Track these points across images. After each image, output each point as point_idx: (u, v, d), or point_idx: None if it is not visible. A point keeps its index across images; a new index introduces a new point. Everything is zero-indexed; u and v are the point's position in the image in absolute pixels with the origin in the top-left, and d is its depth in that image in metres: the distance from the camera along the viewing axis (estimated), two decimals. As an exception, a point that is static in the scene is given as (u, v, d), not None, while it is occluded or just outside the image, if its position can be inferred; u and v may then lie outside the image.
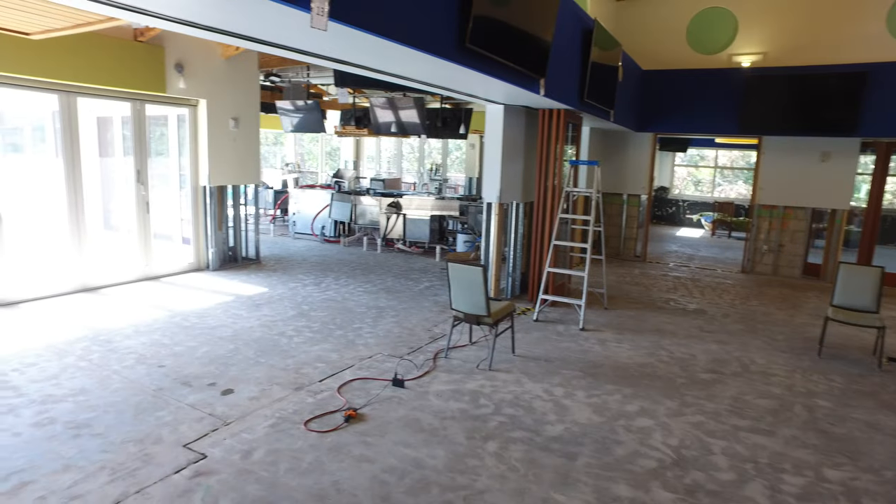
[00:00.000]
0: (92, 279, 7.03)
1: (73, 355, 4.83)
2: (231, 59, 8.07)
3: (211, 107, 7.92)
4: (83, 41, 6.20)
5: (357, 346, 5.30)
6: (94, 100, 7.16)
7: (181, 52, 7.40)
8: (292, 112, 11.50)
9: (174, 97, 7.59)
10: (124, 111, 7.69)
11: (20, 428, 3.62)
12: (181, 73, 7.42)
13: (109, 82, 6.81)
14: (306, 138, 20.94)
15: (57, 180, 7.04)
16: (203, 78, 7.73)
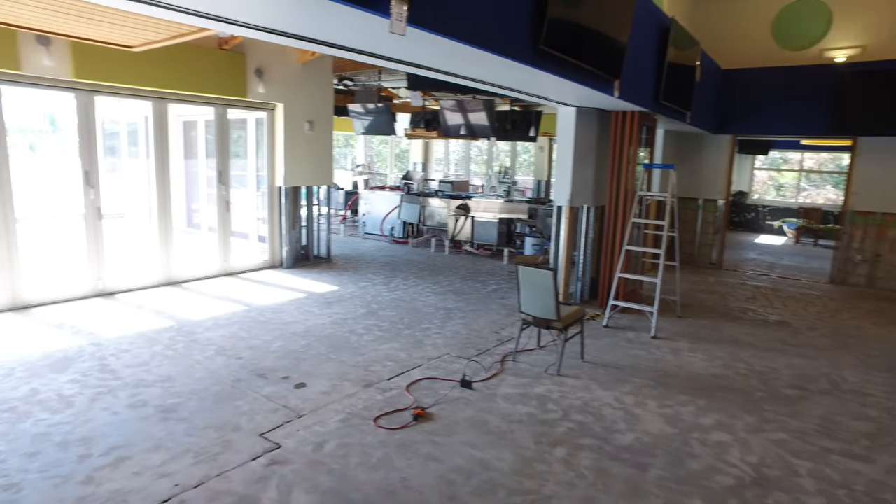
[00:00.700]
0: (176, 273, 7.46)
1: (161, 344, 5.15)
2: (307, 65, 8.36)
3: (287, 110, 8.23)
4: (174, 51, 6.59)
5: (425, 347, 5.37)
6: (182, 105, 7.61)
7: (261, 58, 7.74)
8: (363, 115, 11.78)
9: (254, 101, 7.95)
10: (208, 115, 8.14)
11: (118, 408, 3.90)
12: (261, 78, 7.75)
13: (196, 88, 7.21)
14: (376, 140, 21.40)
15: (148, 181, 7.52)
16: (281, 83, 8.05)
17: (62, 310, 6.08)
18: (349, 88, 11.66)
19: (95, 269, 6.68)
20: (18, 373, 4.44)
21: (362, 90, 11.45)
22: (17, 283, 6.08)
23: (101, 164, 6.70)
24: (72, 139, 27.64)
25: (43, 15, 4.81)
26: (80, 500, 2.93)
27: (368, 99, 11.38)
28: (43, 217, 12.00)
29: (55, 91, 6.38)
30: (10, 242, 6.02)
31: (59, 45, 5.98)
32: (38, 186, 15.93)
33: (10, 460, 3.27)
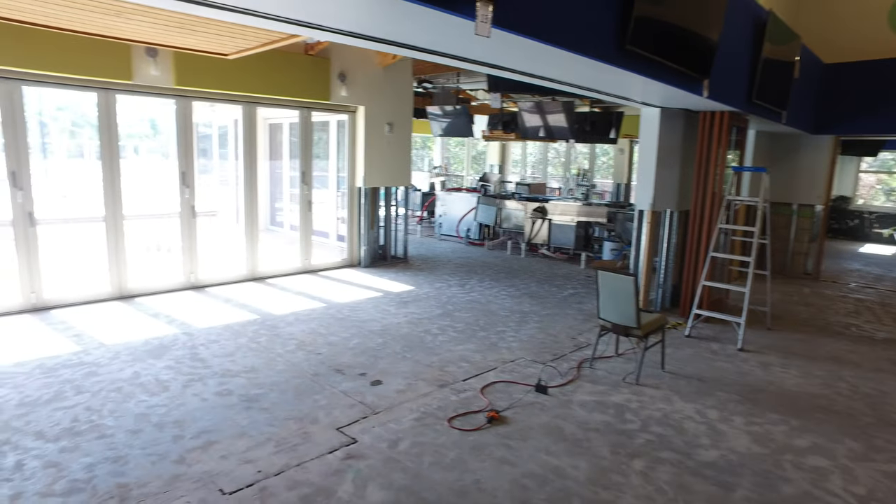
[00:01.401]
0: (260, 269, 7.81)
1: (246, 336, 5.41)
2: (388, 68, 8.53)
3: (368, 113, 8.44)
4: (264, 58, 6.90)
5: (500, 349, 5.34)
6: (269, 108, 7.97)
7: (344, 62, 7.98)
8: (441, 117, 11.89)
9: (336, 104, 8.20)
10: (292, 118, 8.48)
11: (207, 395, 4.14)
12: (343, 82, 7.99)
13: (283, 92, 7.53)
14: (452, 142, 21.56)
15: (236, 181, 7.93)
16: (362, 86, 8.27)
17: (159, 300, 6.52)
18: (428, 91, 11.81)
19: (188, 264, 7.12)
20: (123, 356, 4.80)
21: (441, 92, 11.57)
22: (122, 274, 6.59)
23: (195, 166, 7.14)
24: (170, 142, 29.65)
25: (153, 29, 5.18)
26: (175, 477, 3.13)
27: (446, 101, 11.47)
28: (144, 215, 12.93)
29: (158, 98, 6.86)
30: (118, 237, 6.53)
31: (164, 56, 6.42)
32: (140, 186, 17.17)
33: (118, 435, 3.54)
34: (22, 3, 4.45)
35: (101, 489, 3.02)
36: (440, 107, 11.63)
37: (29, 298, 6.01)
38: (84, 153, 28.95)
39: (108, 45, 5.92)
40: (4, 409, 3.85)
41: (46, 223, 7.16)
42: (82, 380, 4.33)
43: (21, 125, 5.89)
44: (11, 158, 5.82)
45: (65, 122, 32.99)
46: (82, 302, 6.31)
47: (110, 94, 6.39)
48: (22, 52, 5.54)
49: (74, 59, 5.83)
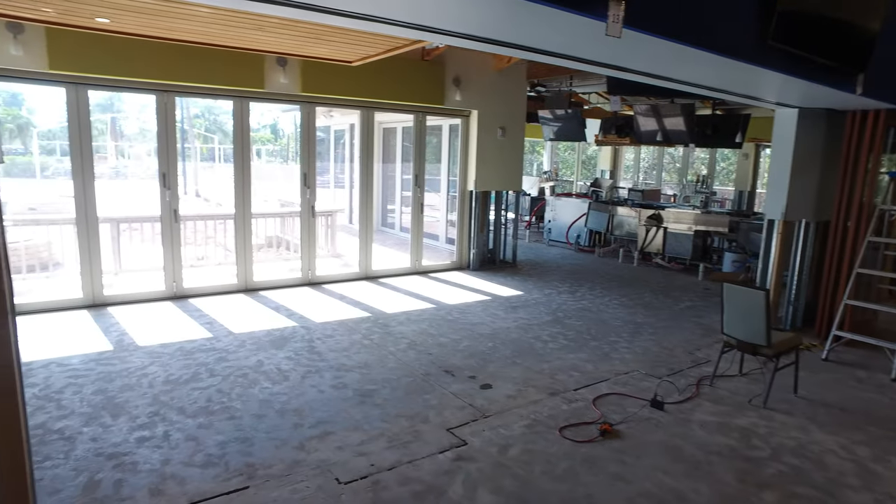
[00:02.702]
0: (373, 268, 8.08)
1: (360, 333, 5.61)
2: (502, 72, 8.53)
3: (481, 117, 8.48)
4: (382, 64, 7.10)
5: (612, 360, 5.14)
6: (384, 113, 8.24)
7: (459, 67, 8.08)
8: (552, 121, 11.70)
9: (450, 109, 8.32)
10: (406, 122, 8.71)
11: (323, 387, 4.34)
12: (458, 86, 8.09)
13: (400, 97, 7.76)
14: (562, 147, 21.19)
15: (352, 183, 8.27)
16: (476, 90, 8.32)
17: (279, 294, 6.94)
18: (540, 94, 11.67)
19: (307, 261, 7.53)
20: (248, 345, 5.16)
21: (553, 96, 11.39)
22: (248, 268, 7.09)
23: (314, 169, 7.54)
24: (291, 146, 31.76)
25: (289, 40, 5.55)
26: (295, 462, 3.30)
27: (559, 105, 11.27)
28: (268, 214, 13.87)
29: (284, 104, 7.33)
30: (246, 234, 7.04)
31: (293, 65, 6.84)
32: (264, 188, 18.44)
33: (245, 418, 3.80)
34: (185, 24, 4.94)
35: (232, 466, 3.25)
36: (551, 110, 11.45)
37: (171, 287, 6.63)
38: (216, 157, 31.67)
39: (244, 56, 6.40)
40: (154, 384, 4.26)
41: (187, 220, 7.90)
42: (214, 364, 4.70)
43: (172, 132, 6.52)
44: (163, 161, 6.47)
45: (200, 128, 36.20)
46: (213, 292, 6.87)
47: (244, 102, 6.91)
48: (175, 67, 6.13)
49: (216, 70, 6.37)
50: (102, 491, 2.99)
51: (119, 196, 14.89)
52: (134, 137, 37.63)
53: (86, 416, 3.76)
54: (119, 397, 4.04)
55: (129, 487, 3.03)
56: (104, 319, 5.77)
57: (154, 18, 4.78)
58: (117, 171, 29.19)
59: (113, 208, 9.12)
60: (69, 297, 6.23)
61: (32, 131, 33.22)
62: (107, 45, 5.68)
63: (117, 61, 5.84)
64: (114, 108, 36.31)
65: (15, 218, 8.26)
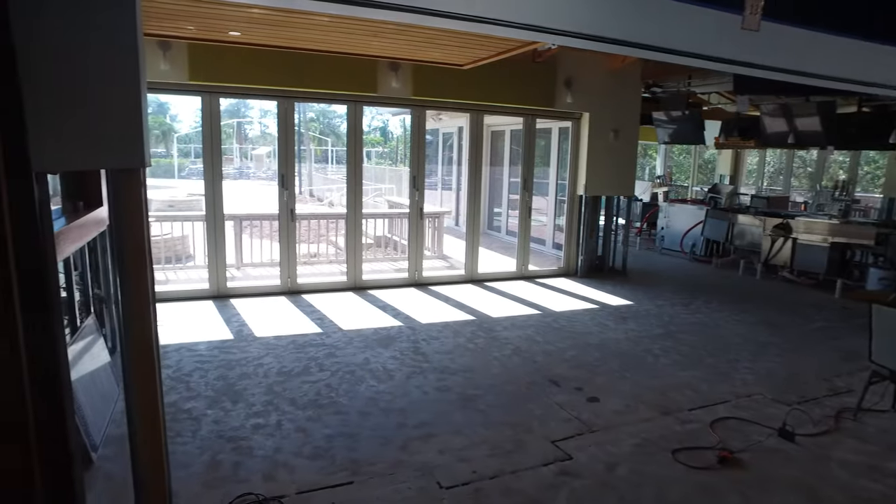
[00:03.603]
0: (479, 272, 8.06)
1: (464, 337, 5.60)
2: (615, 72, 8.19)
3: (593, 119, 8.20)
4: (492, 67, 7.05)
5: (732, 381, 4.73)
6: (492, 116, 8.20)
7: (570, 68, 7.85)
8: (667, 123, 11.11)
9: (561, 111, 8.12)
10: (514, 125, 8.61)
11: (427, 389, 4.36)
12: (569, 88, 7.88)
13: (509, 100, 7.69)
14: (676, 150, 20.11)
15: (461, 186, 8.31)
16: (588, 92, 8.05)
17: (386, 294, 7.11)
18: (655, 95, 11.12)
19: (414, 262, 7.65)
20: (356, 343, 5.31)
21: (669, 97, 10.80)
22: (357, 267, 7.32)
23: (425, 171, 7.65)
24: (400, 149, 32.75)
25: (403, 45, 5.67)
26: (398, 462, 3.32)
27: (675, 106, 10.67)
28: (377, 214, 14.33)
29: (395, 108, 7.50)
30: (357, 234, 7.28)
31: (404, 69, 6.98)
32: (372, 189, 19.09)
33: (351, 414, 3.90)
34: (305, 33, 5.20)
35: (338, 460, 3.33)
36: (666, 112, 10.87)
37: (286, 282, 7.00)
38: (329, 159, 33.33)
39: (358, 62, 6.62)
40: (269, 374, 4.50)
41: (302, 218, 8.32)
42: (324, 359, 4.88)
43: (291, 135, 6.90)
44: (282, 163, 6.85)
45: (315, 131, 38.28)
46: (324, 289, 7.16)
47: (358, 106, 7.14)
48: (295, 74, 6.47)
49: (332, 76, 6.64)
50: (223, 471, 3.18)
51: (241, 195, 16.07)
52: (255, 140, 40.64)
53: (209, 400, 4.03)
54: (238, 384, 4.30)
55: (245, 470, 3.19)
56: (226, 310, 6.20)
57: (279, 29, 5.07)
58: (241, 172, 31.63)
59: (236, 206, 9.81)
60: (198, 288, 6.77)
61: (173, 136, 36.91)
62: (235, 56, 6.11)
63: (244, 70, 6.27)
64: (239, 114, 39.41)
65: (156, 214, 9.12)
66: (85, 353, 3.76)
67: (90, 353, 3.84)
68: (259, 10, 4.41)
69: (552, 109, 8.03)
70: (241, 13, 4.43)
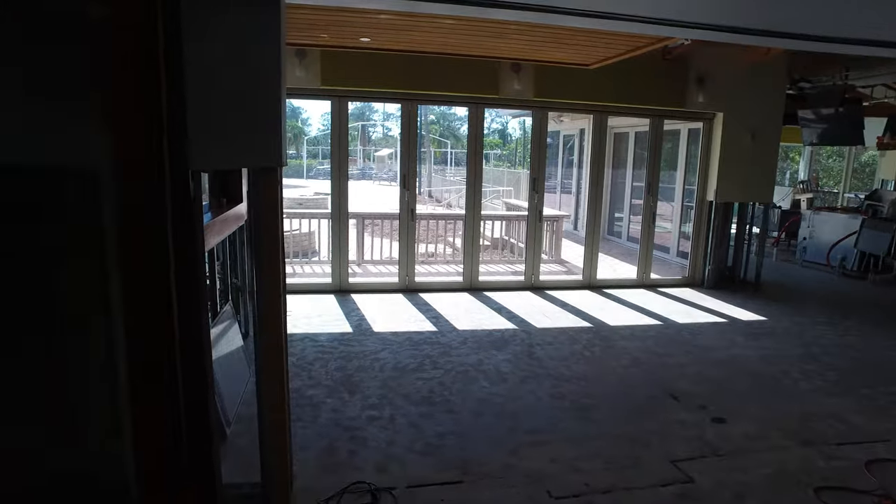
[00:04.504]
0: (597, 277, 7.78)
1: (580, 344, 5.43)
2: (755, 68, 7.52)
3: (728, 120, 7.61)
4: (618, 66, 6.75)
5: (894, 417, 4.16)
6: (616, 118, 7.88)
7: (703, 65, 7.33)
8: (815, 122, 10.02)
9: (691, 111, 7.63)
10: (639, 127, 8.21)
11: (541, 394, 4.27)
12: (702, 86, 7.37)
13: (636, 100, 7.36)
14: (825, 152, 18.17)
15: (582, 189, 8.09)
16: (722, 90, 7.47)
17: (501, 296, 7.07)
18: (803, 92, 10.10)
19: (531, 265, 7.55)
20: (470, 343, 5.34)
21: (820, 92, 9.74)
22: (473, 268, 7.36)
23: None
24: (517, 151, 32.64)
25: (527, 46, 5.63)
26: (508, 466, 3.28)
27: (828, 103, 9.58)
28: (494, 216, 14.36)
29: (515, 110, 7.46)
30: (475, 235, 7.32)
31: (526, 71, 6.91)
32: (490, 191, 19.17)
33: (463, 414, 3.92)
34: (430, 36, 5.32)
35: (448, 458, 3.35)
36: (815, 110, 9.80)
37: (403, 280, 7.20)
38: (448, 160, 33.98)
39: (480, 63, 6.65)
40: (384, 369, 4.65)
41: (421, 218, 8.53)
42: (438, 357, 4.95)
43: (414, 137, 7.09)
44: (404, 164, 7.06)
45: (435, 133, 39.22)
46: (440, 288, 7.28)
47: (479, 108, 7.19)
48: (418, 77, 6.63)
49: (454, 78, 6.73)
50: (339, 457, 3.32)
51: (363, 195, 16.83)
52: (377, 142, 42.48)
53: (329, 389, 4.24)
54: (355, 377, 4.48)
55: (359, 459, 3.31)
56: (347, 304, 6.50)
57: (405, 33, 5.23)
58: (363, 173, 33.21)
59: (359, 205, 10.27)
60: (321, 282, 7.17)
61: (303, 139, 39.68)
62: (363, 61, 6.38)
63: (371, 74, 6.54)
64: (363, 117, 41.39)
65: (286, 211, 9.78)
66: (222, 336, 4.11)
67: (226, 337, 4.19)
68: (387, 16, 4.57)
69: (682, 110, 7.57)
70: (371, 19, 4.62)
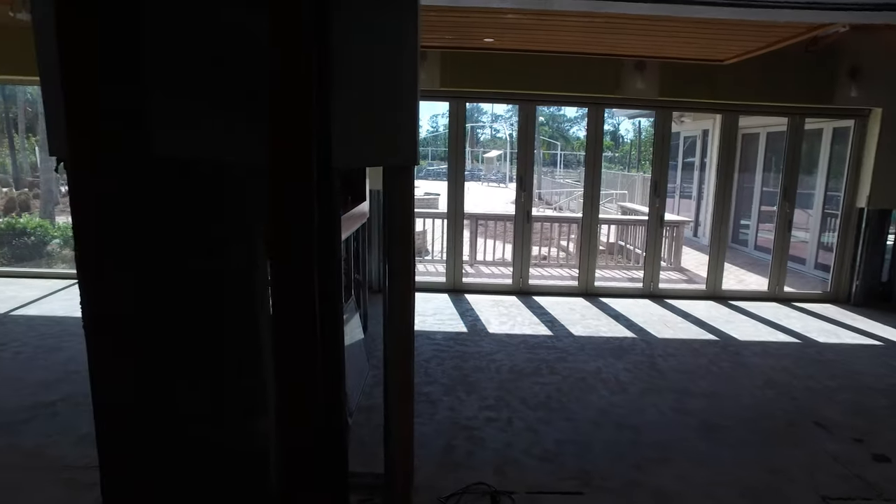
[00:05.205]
0: (722, 287, 7.25)
1: (706, 358, 5.07)
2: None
3: (886, 116, 6.79)
4: (753, 60, 6.21)
5: None
6: (747, 117, 7.28)
7: (857, 55, 6.59)
8: None
9: (841, 108, 6.89)
10: (773, 126, 7.53)
11: (664, 408, 4.03)
12: (854, 79, 6.63)
13: (772, 98, 6.77)
14: None
15: (705, 194, 7.57)
16: (880, 82, 6.67)
17: (618, 302, 6.80)
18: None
19: (649, 272, 7.18)
20: (587, 350, 5.17)
21: None
22: (590, 273, 7.13)
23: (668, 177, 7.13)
24: (631, 153, 31.40)
25: (648, 41, 5.35)
26: (632, 482, 3.11)
27: None
28: (610, 220, 13.88)
29: (629, 111, 7.12)
30: (591, 239, 7.08)
31: (651, 68, 6.58)
32: (603, 195, 18.57)
33: (582, 423, 3.79)
34: (554, 35, 5.21)
35: (568, 466, 3.24)
36: None
37: (517, 282, 7.12)
38: (557, 162, 33.44)
39: (600, 62, 6.43)
40: (500, 370, 4.61)
41: (535, 221, 8.40)
42: (554, 362, 4.83)
43: (531, 138, 6.99)
44: (520, 165, 6.99)
45: (545, 135, 38.77)
46: (554, 292, 7.13)
47: (599, 108, 6.95)
48: (536, 77, 6.53)
49: (573, 78, 6.56)
50: (456, 456, 3.32)
51: (472, 196, 16.91)
52: (486, 144, 42.62)
53: (445, 387, 4.26)
54: (471, 377, 4.47)
55: (477, 460, 3.29)
56: (461, 304, 6.54)
57: (527, 32, 5.15)
58: (472, 174, 33.54)
59: (470, 206, 10.33)
60: (435, 281, 7.28)
61: (414, 140, 40.74)
62: (482, 63, 6.38)
63: (489, 76, 6.52)
64: (472, 119, 41.73)
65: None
66: (346, 330, 4.26)
67: (349, 331, 4.34)
68: (514, 15, 4.53)
69: (829, 107, 6.86)
70: (497, 19, 4.60)
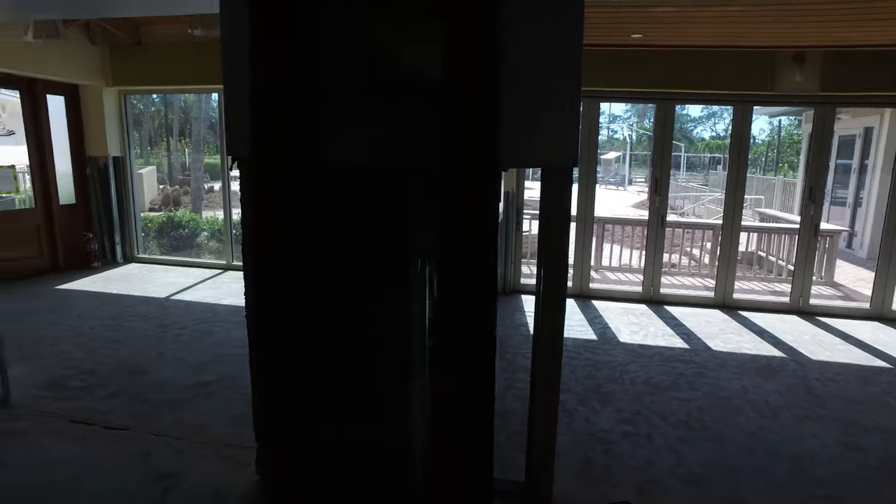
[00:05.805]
0: (892, 308, 6.35)
1: (877, 387, 4.49)
2: None
3: None
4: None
5: None
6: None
7: None
8: None
9: None
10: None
11: (828, 441, 3.59)
12: None
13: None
14: None
15: (871, 197, 6.75)
16: None
17: (759, 317, 6.23)
18: None
19: (798, 286, 6.51)
20: (730, 367, 4.77)
21: None
22: (728, 284, 6.60)
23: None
24: (765, 154, 28.91)
25: (812, 28, 4.83)
26: (795, 521, 2.81)
27: None
28: (751, 227, 12.85)
29: (775, 108, 6.48)
30: (732, 247, 6.56)
31: (812, 59, 5.96)
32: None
33: (729, 447, 3.49)
34: (704, 28, 4.87)
35: (718, 494, 3.00)
36: None
37: (647, 290, 6.76)
38: (680, 165, 31.57)
39: (750, 55, 5.92)
40: (635, 382, 4.39)
41: (668, 226, 7.95)
42: (694, 378, 4.51)
43: (669, 139, 6.60)
44: (657, 168, 6.62)
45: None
46: (687, 302, 6.68)
47: (746, 106, 6.40)
48: (676, 75, 6.13)
49: (718, 74, 6.09)
50: (595, 470, 3.18)
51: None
52: (602, 145, 41.19)
53: (579, 396, 4.12)
54: (605, 387, 4.29)
55: (616, 476, 3.13)
56: (588, 311, 6.32)
57: (678, 26, 4.85)
58: (589, 177, 32.50)
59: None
60: (561, 285, 7.08)
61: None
62: (619, 60, 6.08)
63: (625, 74, 6.18)
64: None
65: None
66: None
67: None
68: (662, 9, 4.28)
69: None
70: (645, 14, 4.37)
